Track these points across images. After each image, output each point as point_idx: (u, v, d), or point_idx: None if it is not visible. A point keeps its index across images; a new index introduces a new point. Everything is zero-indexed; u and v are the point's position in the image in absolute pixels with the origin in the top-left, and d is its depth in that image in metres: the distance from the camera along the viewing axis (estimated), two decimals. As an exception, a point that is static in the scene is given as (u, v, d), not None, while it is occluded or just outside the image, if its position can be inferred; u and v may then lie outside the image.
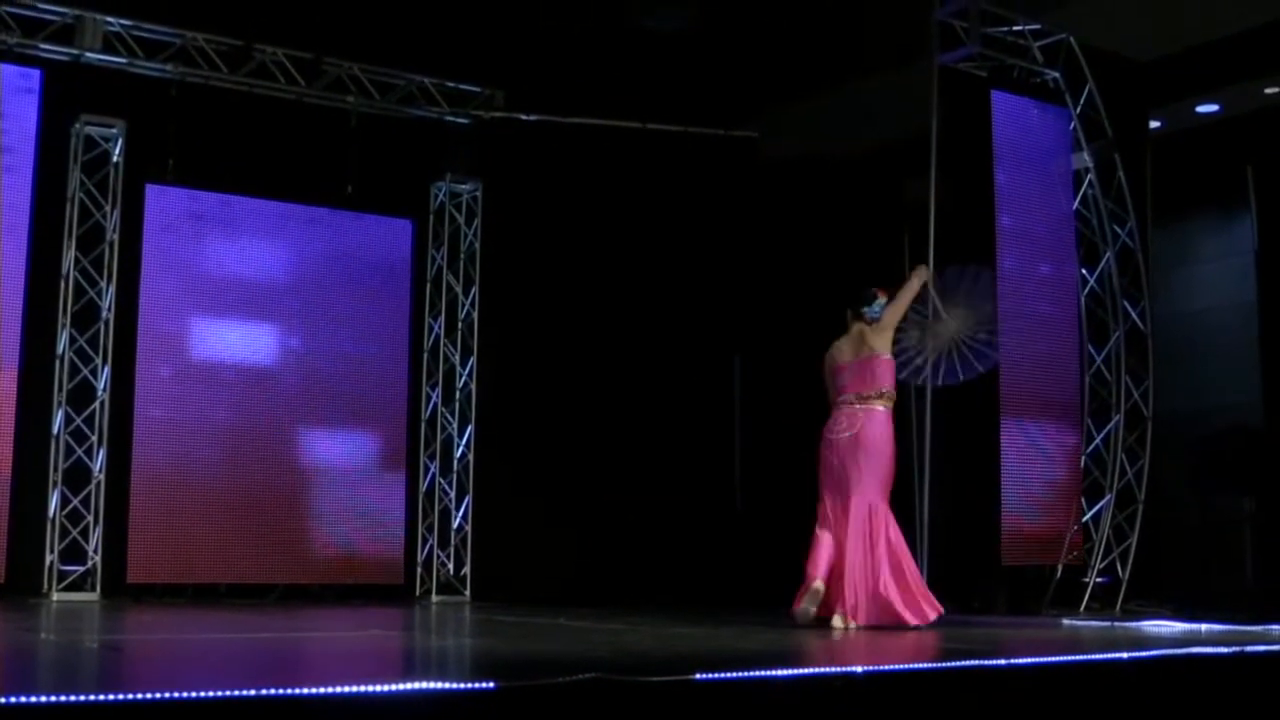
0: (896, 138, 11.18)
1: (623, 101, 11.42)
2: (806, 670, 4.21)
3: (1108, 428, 9.96)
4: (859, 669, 4.20)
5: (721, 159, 11.89)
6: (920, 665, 4.52)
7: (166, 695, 3.20)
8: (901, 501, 10.96)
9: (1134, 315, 10.15)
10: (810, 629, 7.17)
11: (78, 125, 10.30)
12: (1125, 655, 5.07)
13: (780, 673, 4.13)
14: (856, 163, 12.31)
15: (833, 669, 4.22)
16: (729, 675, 4.03)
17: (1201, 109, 11.38)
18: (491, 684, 3.54)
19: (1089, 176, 10.19)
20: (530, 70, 11.36)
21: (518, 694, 3.58)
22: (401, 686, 3.44)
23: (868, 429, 7.64)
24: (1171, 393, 10.63)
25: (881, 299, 7.87)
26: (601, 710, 3.66)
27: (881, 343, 7.77)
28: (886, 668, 4.36)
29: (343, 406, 11.08)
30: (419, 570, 11.40)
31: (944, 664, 4.57)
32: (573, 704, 3.63)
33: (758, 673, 4.11)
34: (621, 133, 11.57)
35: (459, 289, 11.73)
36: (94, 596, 9.92)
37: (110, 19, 10.24)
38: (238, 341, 10.73)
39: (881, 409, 7.70)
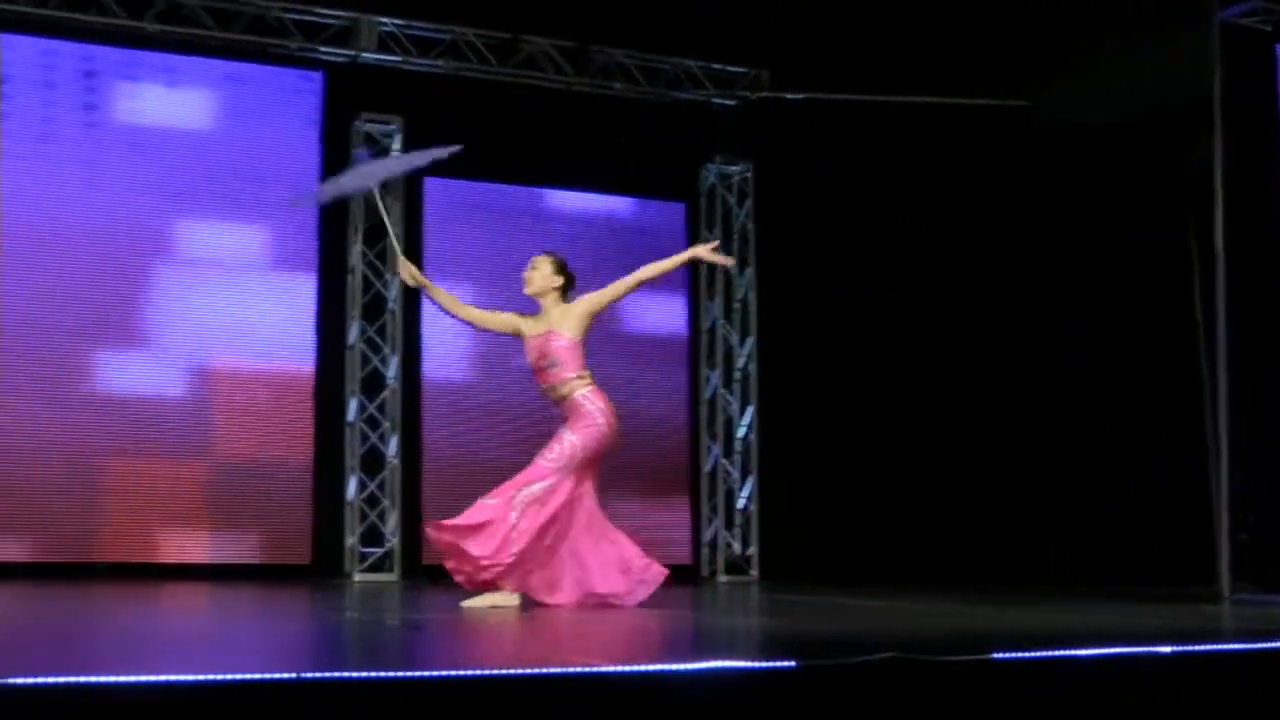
0: (1173, 101, 10.55)
1: (888, 76, 11.15)
2: (1112, 650, 4.08)
3: None
4: (1167, 649, 4.08)
5: (992, 131, 11.47)
6: (1229, 646, 4.33)
7: (463, 673, 3.27)
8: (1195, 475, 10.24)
9: None
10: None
11: (358, 123, 10.63)
12: None
13: (1082, 652, 4.01)
14: (1131, 130, 11.63)
15: (1140, 649, 4.11)
16: (1027, 654, 3.95)
17: None
18: (793, 663, 3.52)
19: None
20: (794, 49, 11.22)
21: (819, 673, 3.55)
22: (703, 665, 3.45)
23: None
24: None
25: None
26: (900, 689, 3.61)
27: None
28: (1192, 649, 4.20)
29: (622, 389, 11.15)
30: (704, 550, 11.43)
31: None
32: (872, 683, 3.58)
33: (1058, 652, 4.00)
34: (888, 108, 11.31)
35: (734, 270, 11.70)
36: (393, 577, 10.26)
37: (384, 19, 10.54)
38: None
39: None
